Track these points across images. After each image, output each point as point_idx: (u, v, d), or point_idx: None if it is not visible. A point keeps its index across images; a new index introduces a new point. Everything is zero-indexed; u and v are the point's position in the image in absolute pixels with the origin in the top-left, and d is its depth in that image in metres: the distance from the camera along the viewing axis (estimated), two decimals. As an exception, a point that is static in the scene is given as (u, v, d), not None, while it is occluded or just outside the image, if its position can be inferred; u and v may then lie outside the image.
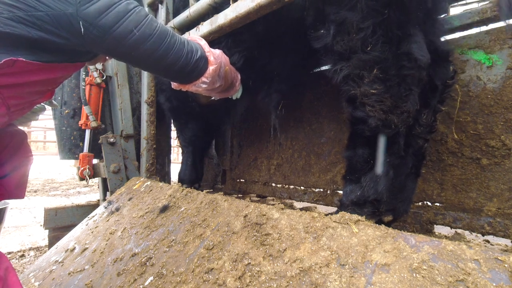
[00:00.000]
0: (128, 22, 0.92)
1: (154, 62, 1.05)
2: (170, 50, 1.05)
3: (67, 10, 0.82)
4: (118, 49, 0.96)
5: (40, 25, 0.79)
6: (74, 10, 0.83)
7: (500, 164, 1.33)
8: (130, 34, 0.93)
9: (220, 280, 0.91)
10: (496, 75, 1.36)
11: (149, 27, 0.97)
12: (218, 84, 1.34)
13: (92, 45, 0.91)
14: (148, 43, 0.98)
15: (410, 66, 1.02)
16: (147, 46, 0.98)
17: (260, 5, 1.16)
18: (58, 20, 0.81)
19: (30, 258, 2.39)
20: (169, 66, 1.09)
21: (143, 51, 0.99)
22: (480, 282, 0.61)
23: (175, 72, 1.15)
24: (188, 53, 1.12)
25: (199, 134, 2.29)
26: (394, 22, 0.99)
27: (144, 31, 0.96)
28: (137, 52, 0.98)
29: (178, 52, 1.08)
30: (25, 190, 1.20)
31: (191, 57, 1.13)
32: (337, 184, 1.91)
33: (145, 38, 0.97)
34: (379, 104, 1.05)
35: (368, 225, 0.86)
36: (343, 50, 1.07)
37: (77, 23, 0.84)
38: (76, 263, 1.40)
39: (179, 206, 1.41)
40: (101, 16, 0.87)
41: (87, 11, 0.85)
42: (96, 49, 0.95)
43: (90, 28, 0.86)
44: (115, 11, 0.89)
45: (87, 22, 0.85)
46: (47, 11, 0.79)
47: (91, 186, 5.79)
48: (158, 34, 1.00)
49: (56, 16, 0.81)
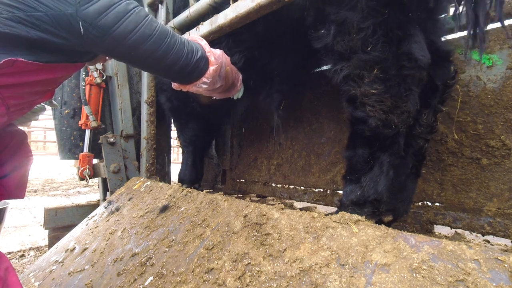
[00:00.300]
0: (128, 23, 0.92)
1: (154, 62, 1.05)
2: (170, 51, 1.05)
3: (66, 11, 0.82)
4: (118, 49, 0.96)
5: (39, 25, 0.79)
6: (74, 10, 0.83)
7: (500, 164, 1.33)
8: (129, 34, 0.93)
9: (220, 280, 0.91)
10: (496, 75, 1.36)
11: (149, 27, 0.97)
12: (219, 84, 1.34)
13: (91, 45, 0.91)
14: (148, 43, 0.98)
15: (411, 66, 1.02)
16: (147, 47, 0.98)
17: (260, 5, 1.16)
18: (57, 20, 0.81)
19: (30, 258, 2.39)
20: (169, 67, 1.09)
21: (143, 51, 0.99)
22: (480, 282, 0.61)
23: (175, 73, 1.14)
24: (189, 53, 1.11)
25: (199, 134, 2.29)
26: (395, 22, 0.99)
27: (144, 31, 0.96)
28: (137, 53, 0.98)
29: (178, 53, 1.07)
30: (25, 190, 1.20)
31: (192, 57, 1.13)
32: (337, 184, 1.91)
33: (145, 39, 0.97)
34: (379, 104, 1.05)
35: (368, 225, 0.86)
36: (343, 50, 1.07)
37: (77, 23, 0.84)
38: (76, 263, 1.40)
39: (179, 206, 1.41)
40: (100, 16, 0.87)
41: (87, 11, 0.85)
42: (95, 50, 0.95)
43: (89, 29, 0.86)
44: (114, 11, 0.89)
45: (87, 22, 0.85)
46: (47, 11, 0.79)
47: (91, 186, 5.79)
48: (158, 35, 1.00)
49: (55, 16, 0.81)
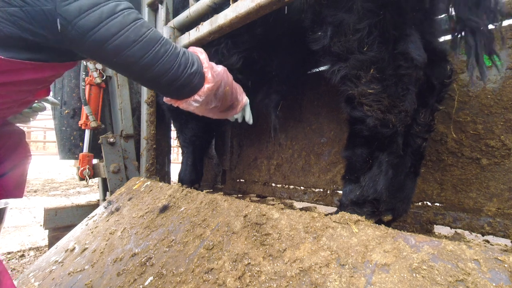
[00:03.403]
0: (111, 25, 0.85)
1: (138, 71, 0.96)
2: (157, 60, 0.95)
3: (44, 6, 0.76)
4: (99, 53, 0.88)
5: (14, 21, 0.73)
6: (53, 6, 0.77)
7: (500, 164, 1.33)
8: (111, 38, 0.86)
9: (220, 280, 0.91)
10: (496, 75, 1.36)
11: (135, 32, 0.89)
12: (213, 105, 1.23)
13: (72, 45, 0.85)
14: (131, 49, 0.90)
15: (407, 65, 1.03)
16: (130, 53, 0.90)
17: (260, 5, 1.16)
18: (33, 16, 0.75)
19: (30, 258, 2.39)
20: (156, 78, 0.99)
21: (125, 58, 0.90)
22: (480, 282, 0.61)
23: (162, 86, 1.04)
24: (181, 65, 1.02)
25: (199, 134, 2.29)
26: (390, 23, 1.00)
27: (129, 36, 0.88)
28: (120, 59, 0.90)
29: (166, 64, 0.98)
30: (24, 190, 1.19)
31: (183, 70, 1.03)
32: (337, 184, 1.91)
33: (128, 44, 0.89)
34: (377, 104, 1.05)
35: (368, 225, 0.86)
36: (340, 51, 1.08)
37: (55, 20, 0.77)
38: (76, 263, 1.40)
39: (179, 206, 1.41)
40: (81, 15, 0.80)
41: (67, 8, 0.78)
42: (77, 51, 0.89)
43: (68, 28, 0.79)
44: (98, 11, 0.82)
45: (66, 20, 0.78)
46: (22, 6, 0.74)
47: (91, 186, 5.79)
48: (146, 41, 0.92)
49: (31, 11, 0.75)
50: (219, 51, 1.58)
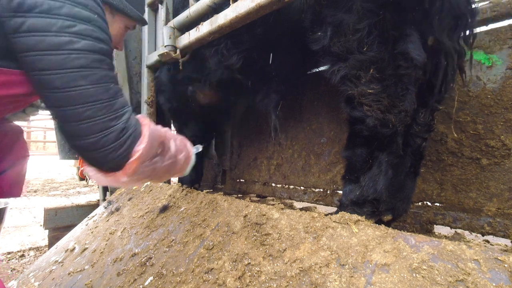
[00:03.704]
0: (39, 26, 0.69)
1: (53, 100, 0.76)
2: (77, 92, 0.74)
3: None
4: (26, 64, 0.73)
5: None
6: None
7: (500, 164, 1.33)
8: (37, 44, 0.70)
9: (220, 280, 0.91)
10: (496, 75, 1.36)
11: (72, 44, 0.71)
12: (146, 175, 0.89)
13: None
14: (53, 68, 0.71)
15: (407, 65, 1.03)
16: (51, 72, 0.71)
17: (260, 5, 1.16)
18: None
19: (30, 258, 2.39)
20: (68, 117, 0.76)
21: (46, 77, 0.72)
22: (480, 282, 0.61)
23: (70, 134, 0.81)
24: (109, 119, 0.78)
25: (198, 134, 2.29)
26: (390, 23, 1.01)
27: (54, 42, 0.70)
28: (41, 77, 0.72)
29: (89, 105, 0.75)
30: (22, 189, 1.18)
31: (110, 126, 0.78)
32: (337, 184, 1.91)
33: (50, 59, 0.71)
34: (377, 104, 1.05)
35: (368, 225, 0.86)
36: (340, 51, 1.08)
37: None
38: (76, 263, 1.40)
39: (179, 206, 1.41)
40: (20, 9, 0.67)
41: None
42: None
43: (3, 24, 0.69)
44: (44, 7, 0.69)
45: (3, 17, 0.68)
46: None
47: (91, 186, 5.78)
48: (76, 64, 0.73)
49: None
50: (219, 51, 1.58)
